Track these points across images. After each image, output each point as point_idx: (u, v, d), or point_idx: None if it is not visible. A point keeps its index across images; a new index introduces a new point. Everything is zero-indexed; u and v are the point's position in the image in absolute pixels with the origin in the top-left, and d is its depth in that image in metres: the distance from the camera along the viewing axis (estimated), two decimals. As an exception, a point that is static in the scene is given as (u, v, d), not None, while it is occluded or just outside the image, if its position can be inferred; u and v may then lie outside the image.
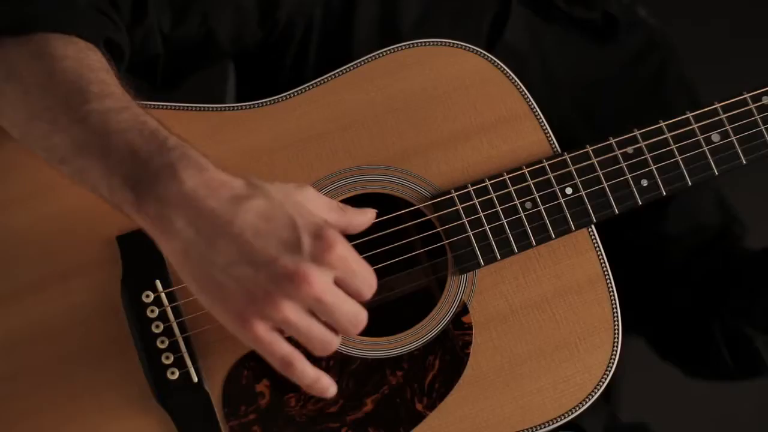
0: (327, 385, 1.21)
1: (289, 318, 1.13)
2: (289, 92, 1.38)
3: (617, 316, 1.35)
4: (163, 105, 1.35)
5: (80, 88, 1.19)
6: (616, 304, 1.35)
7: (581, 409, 1.33)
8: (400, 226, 1.35)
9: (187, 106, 1.36)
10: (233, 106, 1.37)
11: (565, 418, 1.33)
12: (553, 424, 1.33)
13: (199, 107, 1.36)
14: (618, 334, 1.35)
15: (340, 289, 1.16)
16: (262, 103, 1.38)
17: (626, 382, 1.93)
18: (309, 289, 1.12)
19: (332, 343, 1.18)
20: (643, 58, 1.62)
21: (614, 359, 1.34)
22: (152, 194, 1.14)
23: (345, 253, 1.15)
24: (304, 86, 1.38)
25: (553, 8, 1.54)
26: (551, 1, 1.53)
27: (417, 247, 1.37)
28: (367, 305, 1.37)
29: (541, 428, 1.32)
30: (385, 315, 1.39)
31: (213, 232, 1.13)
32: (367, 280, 1.18)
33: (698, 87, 1.66)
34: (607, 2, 1.57)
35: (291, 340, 1.16)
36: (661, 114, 1.41)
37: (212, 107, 1.37)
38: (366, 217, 1.25)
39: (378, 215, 1.35)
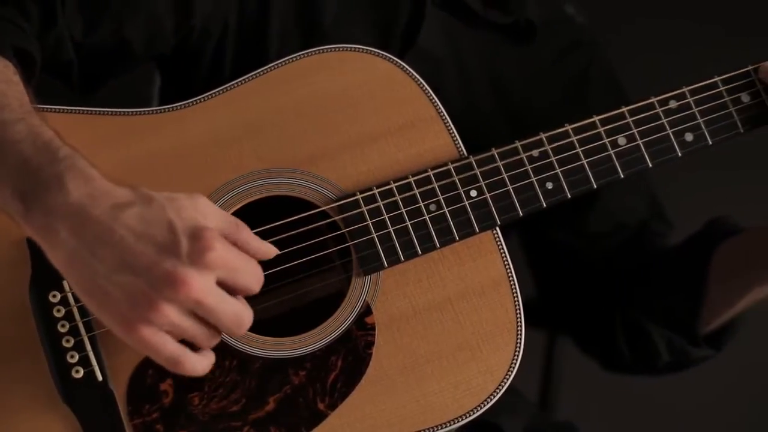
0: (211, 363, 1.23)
1: (171, 321, 1.16)
2: (198, 97, 1.41)
3: (520, 318, 1.37)
4: (71, 109, 1.38)
5: None
6: (519, 305, 1.37)
7: (482, 410, 1.35)
8: (305, 228, 1.37)
9: (98, 111, 1.39)
10: (143, 111, 1.39)
11: (466, 418, 1.34)
12: (454, 423, 1.34)
13: (109, 112, 1.39)
14: (521, 335, 1.36)
15: (221, 290, 1.18)
16: (171, 107, 1.40)
17: (565, 383, 1.95)
18: (188, 292, 1.15)
19: (215, 340, 1.21)
20: (567, 57, 1.64)
21: (516, 360, 1.36)
22: (39, 205, 1.17)
23: (224, 252, 1.17)
24: (213, 91, 1.41)
25: (469, 12, 1.56)
26: (468, 6, 1.55)
27: (323, 249, 1.39)
28: (273, 306, 1.40)
29: (442, 428, 1.34)
30: (291, 315, 1.42)
31: (95, 241, 1.16)
32: (253, 274, 1.20)
33: (633, 84, 1.68)
34: (527, 4, 1.58)
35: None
36: (586, 113, 1.43)
37: (122, 112, 1.39)
38: (265, 247, 1.25)
39: (284, 217, 1.38)
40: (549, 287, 1.77)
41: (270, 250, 1.26)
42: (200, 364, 1.21)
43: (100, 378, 1.31)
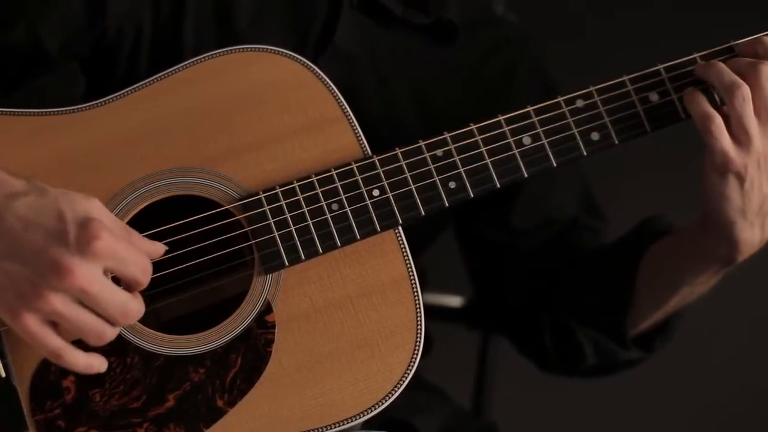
0: (99, 367, 1.27)
1: (57, 310, 1.19)
2: (109, 96, 1.43)
3: (420, 317, 1.37)
4: (-16, 109, 1.41)
5: None
6: (419, 304, 1.37)
7: (381, 407, 1.35)
8: (209, 227, 1.39)
9: (7, 111, 1.41)
10: (52, 111, 1.42)
11: (365, 415, 1.35)
12: (353, 420, 1.35)
13: (19, 112, 1.41)
14: (420, 334, 1.37)
15: (107, 279, 1.21)
16: (81, 107, 1.42)
17: (499, 384, 1.95)
18: (73, 280, 1.18)
19: (106, 333, 1.23)
20: (491, 56, 1.64)
21: (415, 359, 1.36)
22: None
23: (111, 242, 1.20)
24: (124, 90, 1.43)
25: (387, 14, 1.56)
26: (385, 8, 1.55)
27: (227, 248, 1.40)
28: (176, 304, 1.42)
29: (341, 425, 1.35)
30: (194, 313, 1.44)
31: None
32: (139, 265, 1.23)
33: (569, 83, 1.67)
34: (447, 5, 1.58)
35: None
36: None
37: (31, 112, 1.41)
38: (151, 246, 1.29)
39: (189, 216, 1.39)
40: (483, 285, 1.78)
41: (158, 249, 1.29)
42: (81, 360, 1.24)
43: (3, 374, 1.33)
